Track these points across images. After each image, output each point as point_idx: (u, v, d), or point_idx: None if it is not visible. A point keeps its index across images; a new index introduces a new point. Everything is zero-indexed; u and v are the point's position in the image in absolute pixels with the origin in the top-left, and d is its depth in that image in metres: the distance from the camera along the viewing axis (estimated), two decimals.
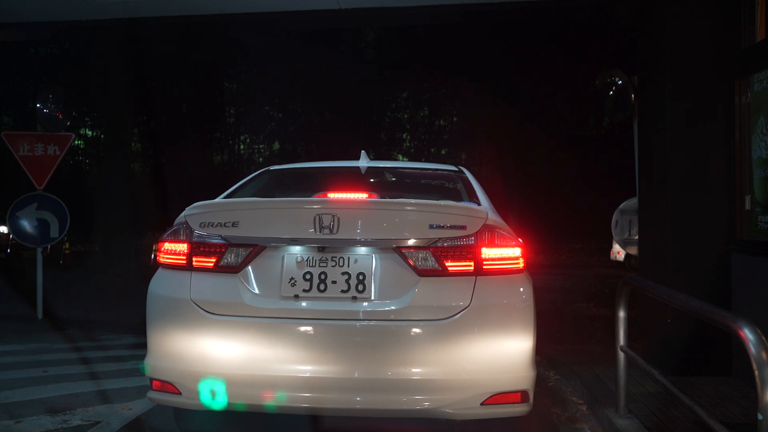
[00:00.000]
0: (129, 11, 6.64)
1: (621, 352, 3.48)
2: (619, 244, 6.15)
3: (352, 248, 2.82)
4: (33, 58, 18.39)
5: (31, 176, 7.42)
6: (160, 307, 2.92)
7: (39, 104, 7.49)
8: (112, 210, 11.65)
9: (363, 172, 4.12)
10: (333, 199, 3.03)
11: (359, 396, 2.69)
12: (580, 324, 7.37)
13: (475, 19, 6.87)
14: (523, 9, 6.39)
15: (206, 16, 6.62)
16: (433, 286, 2.76)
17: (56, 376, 4.66)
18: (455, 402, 2.67)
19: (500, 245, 2.83)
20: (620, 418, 3.46)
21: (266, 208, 3.04)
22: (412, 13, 6.48)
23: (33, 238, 7.44)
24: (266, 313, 2.76)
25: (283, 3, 6.28)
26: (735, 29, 4.59)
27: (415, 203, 3.01)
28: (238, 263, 2.83)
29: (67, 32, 7.92)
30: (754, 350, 1.99)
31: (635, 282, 3.47)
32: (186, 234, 2.92)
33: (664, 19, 4.78)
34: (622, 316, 3.49)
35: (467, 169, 4.15)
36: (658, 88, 4.89)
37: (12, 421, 3.54)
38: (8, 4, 6.47)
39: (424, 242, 2.78)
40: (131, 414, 3.73)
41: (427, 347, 2.69)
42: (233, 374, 2.70)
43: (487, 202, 3.35)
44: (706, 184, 4.62)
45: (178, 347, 2.81)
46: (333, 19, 6.59)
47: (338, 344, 2.71)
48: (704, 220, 4.60)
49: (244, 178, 3.98)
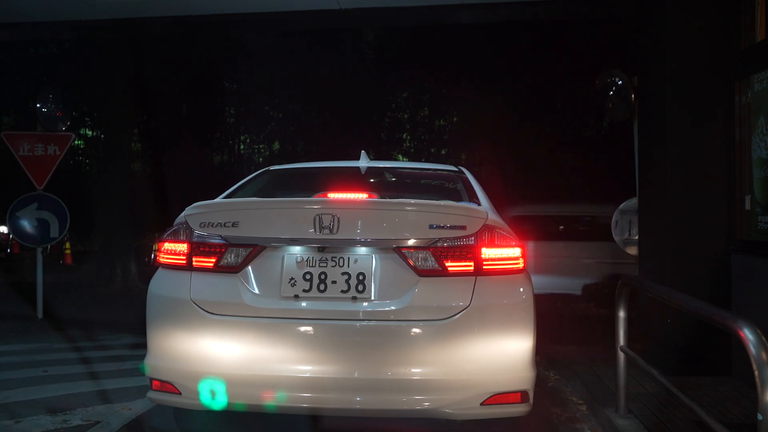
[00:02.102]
0: (129, 11, 6.64)
1: (621, 352, 3.48)
2: (619, 244, 6.15)
3: (352, 248, 2.82)
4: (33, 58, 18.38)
5: (31, 176, 7.43)
6: (160, 307, 2.92)
7: (39, 104, 7.49)
8: (112, 210, 11.67)
9: (363, 173, 4.12)
10: (333, 200, 3.03)
11: (359, 396, 2.69)
12: (580, 324, 7.37)
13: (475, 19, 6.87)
14: (524, 9, 6.40)
15: (206, 16, 6.63)
16: (433, 287, 2.76)
17: (56, 376, 4.66)
18: (455, 402, 2.67)
19: (500, 245, 2.83)
20: (620, 418, 3.46)
21: (266, 208, 3.04)
22: (412, 13, 6.48)
23: (33, 238, 7.44)
24: (266, 313, 2.76)
25: (283, 3, 6.28)
26: (735, 29, 4.59)
27: (415, 203, 3.01)
28: (238, 263, 2.83)
29: (67, 32, 7.91)
30: (753, 350, 1.99)
31: (635, 282, 3.48)
32: (186, 234, 2.92)
33: (664, 19, 4.77)
34: (622, 316, 3.49)
35: (467, 169, 4.15)
36: (658, 88, 4.88)
37: (12, 421, 3.54)
38: (8, 4, 6.47)
39: (424, 242, 2.78)
40: (131, 414, 3.74)
41: (427, 347, 2.69)
42: (233, 374, 2.70)
43: (487, 203, 3.35)
44: (706, 184, 4.62)
45: (178, 347, 2.81)
46: (333, 19, 6.59)
47: (338, 344, 2.71)
48: (704, 220, 4.60)
49: (244, 178, 3.98)
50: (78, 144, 20.25)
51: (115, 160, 12.35)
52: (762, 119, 4.32)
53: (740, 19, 4.57)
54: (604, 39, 12.88)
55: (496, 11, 6.38)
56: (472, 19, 6.89)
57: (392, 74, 20.10)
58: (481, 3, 6.18)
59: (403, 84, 21.34)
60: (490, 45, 15.65)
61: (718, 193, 4.61)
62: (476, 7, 6.26)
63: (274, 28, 10.32)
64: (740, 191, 4.56)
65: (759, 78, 4.36)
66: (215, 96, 20.11)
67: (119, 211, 11.71)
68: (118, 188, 11.81)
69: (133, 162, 15.16)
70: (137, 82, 12.52)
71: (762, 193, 4.31)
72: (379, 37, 20.26)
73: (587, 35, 13.71)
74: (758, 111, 4.38)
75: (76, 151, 20.78)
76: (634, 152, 5.68)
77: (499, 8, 6.29)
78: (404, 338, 2.71)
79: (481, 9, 6.32)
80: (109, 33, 8.00)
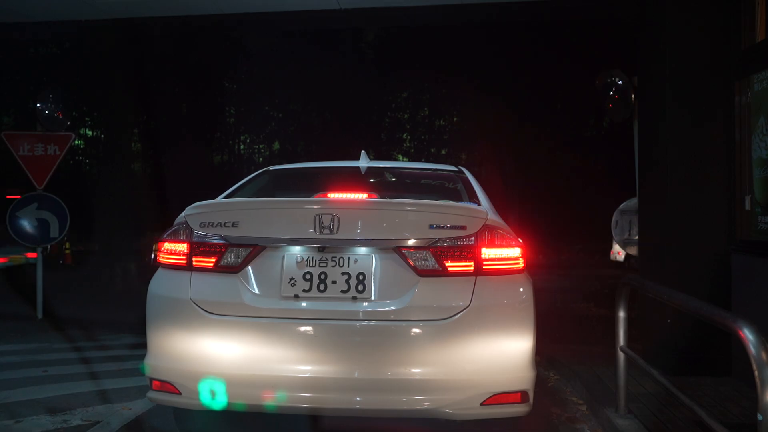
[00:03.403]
0: (129, 11, 6.64)
1: (621, 352, 3.48)
2: (619, 244, 6.16)
3: (352, 248, 2.82)
4: (33, 58, 18.38)
5: (31, 176, 7.42)
6: (160, 307, 2.92)
7: (39, 104, 7.48)
8: (112, 210, 11.67)
9: (363, 172, 4.12)
10: (333, 200, 3.03)
11: (359, 396, 2.69)
12: (580, 324, 7.37)
13: (475, 19, 6.88)
14: (524, 9, 6.39)
15: (206, 16, 6.62)
16: (433, 287, 2.76)
17: (56, 375, 4.66)
18: (455, 402, 2.67)
19: (500, 245, 2.83)
20: (620, 418, 3.46)
21: (266, 208, 3.04)
22: (412, 13, 6.48)
23: (33, 237, 7.44)
24: (266, 313, 2.76)
25: (283, 3, 6.28)
26: (735, 29, 4.59)
27: (415, 203, 3.01)
28: (238, 263, 2.83)
29: (67, 32, 7.91)
30: (753, 350, 1.99)
31: (635, 282, 3.47)
32: (186, 234, 2.92)
33: (664, 19, 4.77)
34: (622, 317, 3.49)
35: (467, 169, 4.15)
36: (658, 88, 4.88)
37: (12, 421, 3.54)
38: (9, 4, 6.47)
39: (424, 242, 2.78)
40: (131, 414, 3.73)
41: (427, 347, 2.69)
42: (233, 374, 2.70)
43: (487, 203, 3.35)
44: (706, 184, 4.62)
45: (178, 347, 2.81)
46: (333, 19, 6.59)
47: (338, 344, 2.71)
48: (704, 220, 4.59)
49: (244, 178, 3.97)
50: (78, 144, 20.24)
51: (115, 160, 12.36)
52: (762, 119, 4.32)
53: (740, 19, 4.57)
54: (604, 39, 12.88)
55: (496, 11, 6.38)
56: (473, 20, 6.89)
57: (392, 74, 20.10)
58: (481, 3, 6.17)
59: (403, 84, 21.34)
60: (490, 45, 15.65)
61: (718, 193, 4.61)
62: (476, 7, 6.26)
63: (274, 28, 10.32)
64: (740, 191, 4.56)
65: (759, 78, 4.36)
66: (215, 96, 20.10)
67: (119, 211, 11.72)
68: (118, 188, 11.81)
69: (133, 162, 15.16)
70: (137, 82, 12.53)
71: (762, 193, 4.31)
72: (379, 37, 20.25)
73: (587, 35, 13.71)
74: (758, 111, 4.37)
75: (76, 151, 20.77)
76: (634, 152, 5.68)
77: (499, 8, 6.28)
78: (404, 338, 2.71)
79: (481, 9, 6.31)
80: (109, 33, 8.01)
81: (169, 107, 16.70)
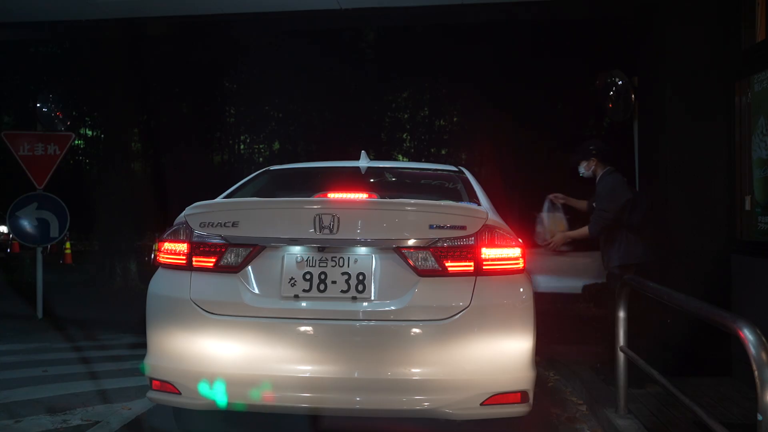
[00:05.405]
0: (129, 11, 6.62)
1: (621, 352, 3.48)
2: None
3: (352, 248, 2.82)
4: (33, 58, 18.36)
5: (31, 176, 7.43)
6: (160, 307, 2.92)
7: (39, 104, 7.49)
8: (112, 210, 11.67)
9: (363, 173, 4.12)
10: (333, 199, 3.03)
11: (359, 396, 2.69)
12: (580, 324, 7.36)
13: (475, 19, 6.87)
14: (523, 9, 6.39)
15: (206, 15, 6.62)
16: (433, 287, 2.76)
17: (56, 375, 4.66)
18: (455, 402, 2.67)
19: (500, 245, 2.83)
20: (620, 418, 3.46)
21: (266, 208, 3.04)
22: (413, 13, 6.46)
23: (33, 237, 7.44)
24: (266, 313, 2.76)
25: (283, 3, 6.27)
26: (735, 29, 4.59)
27: (415, 203, 3.01)
28: (238, 263, 2.83)
29: (67, 32, 7.91)
30: (753, 351, 1.99)
31: (635, 282, 3.47)
32: (186, 234, 2.92)
33: (664, 20, 4.78)
34: (622, 316, 3.49)
35: (467, 169, 4.15)
36: (659, 88, 4.88)
37: (12, 421, 3.54)
38: (8, 4, 6.47)
39: (424, 242, 2.78)
40: (131, 414, 3.74)
41: (427, 347, 2.69)
42: (233, 374, 2.70)
43: (487, 203, 3.35)
44: (706, 184, 4.62)
45: (178, 347, 2.81)
46: (333, 19, 6.58)
47: (338, 344, 2.71)
48: (704, 221, 4.60)
49: (244, 178, 3.97)
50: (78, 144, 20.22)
51: (115, 160, 12.35)
52: (762, 119, 4.32)
53: (740, 19, 4.57)
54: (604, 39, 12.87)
55: (497, 11, 6.37)
56: (473, 20, 6.90)
57: (392, 74, 20.09)
58: (481, 3, 6.16)
59: (403, 84, 21.32)
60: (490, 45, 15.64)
61: (718, 193, 4.61)
62: (477, 7, 6.25)
63: (274, 28, 10.30)
64: (740, 191, 4.56)
65: (759, 78, 4.36)
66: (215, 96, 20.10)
67: (119, 211, 11.71)
68: (118, 188, 11.81)
69: (133, 162, 15.13)
70: (137, 82, 12.52)
71: (762, 193, 4.31)
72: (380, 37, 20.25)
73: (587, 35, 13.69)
74: (758, 111, 4.38)
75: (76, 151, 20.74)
76: (634, 152, 5.68)
77: (500, 8, 6.27)
78: (404, 338, 2.71)
79: (482, 9, 6.30)
80: (109, 33, 7.99)
81: (169, 107, 16.69)
